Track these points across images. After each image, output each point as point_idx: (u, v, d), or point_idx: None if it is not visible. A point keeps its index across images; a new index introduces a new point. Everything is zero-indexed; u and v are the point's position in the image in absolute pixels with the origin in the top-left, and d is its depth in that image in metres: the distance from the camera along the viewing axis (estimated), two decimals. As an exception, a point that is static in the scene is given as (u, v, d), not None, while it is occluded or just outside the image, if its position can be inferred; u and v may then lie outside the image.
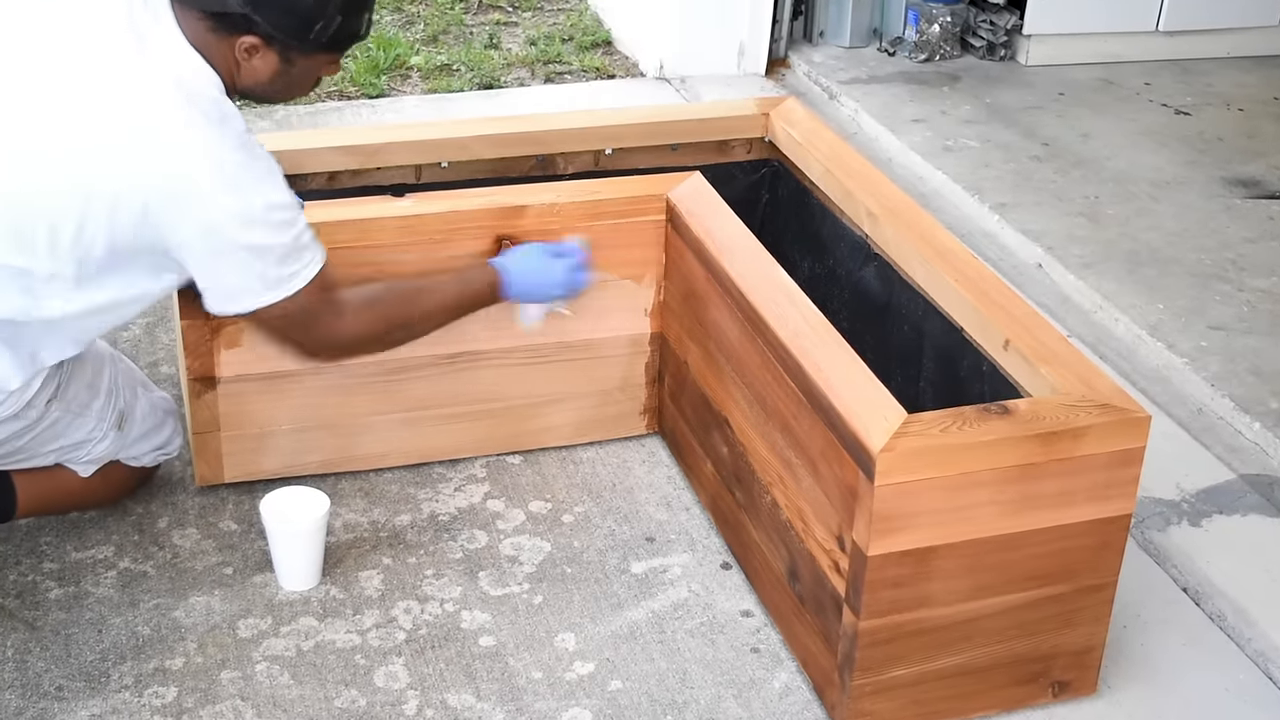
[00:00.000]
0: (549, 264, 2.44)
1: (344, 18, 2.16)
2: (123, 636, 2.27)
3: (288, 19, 2.11)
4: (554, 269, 2.44)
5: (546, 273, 2.43)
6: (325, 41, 2.17)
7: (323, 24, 2.13)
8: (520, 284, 2.42)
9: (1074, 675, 2.20)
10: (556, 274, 2.44)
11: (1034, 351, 2.17)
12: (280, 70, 2.18)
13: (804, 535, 2.18)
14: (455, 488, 2.64)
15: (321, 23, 2.13)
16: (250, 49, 2.13)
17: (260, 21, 2.09)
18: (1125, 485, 2.07)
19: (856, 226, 2.65)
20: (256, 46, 2.13)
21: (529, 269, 2.42)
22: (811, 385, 2.11)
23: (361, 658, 2.25)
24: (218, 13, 2.09)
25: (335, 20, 2.14)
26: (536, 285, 2.44)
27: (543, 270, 2.43)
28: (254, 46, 2.13)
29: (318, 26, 2.13)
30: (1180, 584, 2.52)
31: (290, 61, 2.17)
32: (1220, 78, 4.79)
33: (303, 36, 2.14)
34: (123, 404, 2.38)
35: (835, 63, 4.76)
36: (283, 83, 2.21)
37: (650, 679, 2.23)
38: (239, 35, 2.11)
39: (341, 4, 2.15)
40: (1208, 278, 3.49)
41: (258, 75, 2.17)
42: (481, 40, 4.83)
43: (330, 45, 2.19)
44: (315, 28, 2.13)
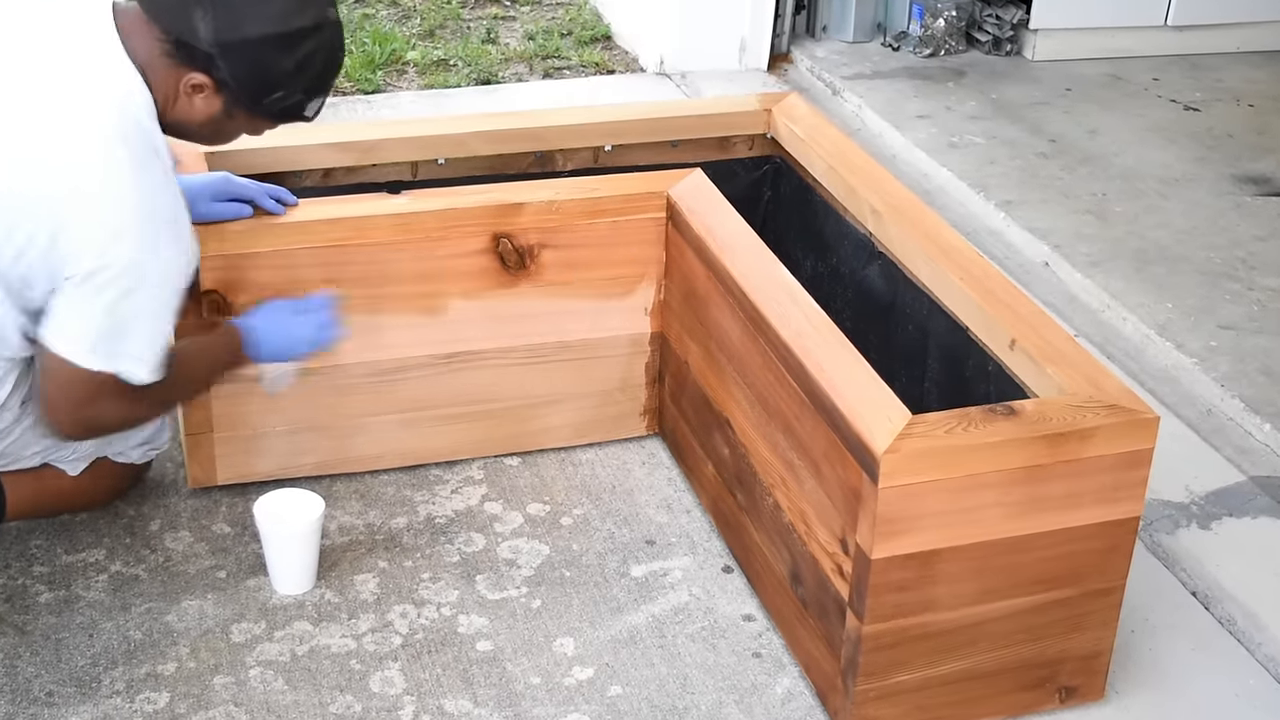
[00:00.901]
0: (293, 322, 2.32)
1: (304, 96, 2.11)
2: (114, 641, 2.27)
3: (252, 77, 2.06)
4: (299, 327, 2.33)
5: (291, 331, 2.32)
6: (274, 111, 2.12)
7: (282, 94, 2.09)
8: (265, 345, 2.30)
9: (1081, 680, 2.20)
10: (303, 331, 2.33)
11: (1040, 351, 2.17)
12: (217, 118, 2.11)
13: (806, 538, 2.18)
14: (452, 490, 2.64)
15: (282, 93, 2.09)
16: (197, 87, 2.06)
17: (223, 67, 2.03)
18: (1133, 487, 2.07)
19: (860, 224, 2.65)
20: (205, 87, 2.06)
21: (272, 328, 2.31)
22: (814, 385, 2.11)
23: (357, 663, 2.25)
24: (181, 41, 2.03)
25: (296, 96, 2.10)
26: (281, 345, 2.31)
27: (287, 328, 2.31)
28: (202, 86, 2.06)
29: (276, 95, 2.09)
30: (1189, 588, 2.52)
31: (230, 115, 2.11)
32: (1230, 73, 4.79)
33: (257, 99, 2.08)
34: None
35: (838, 58, 4.77)
36: (212, 129, 2.14)
37: (650, 684, 2.23)
38: (192, 70, 2.04)
39: (308, 84, 2.10)
40: (1217, 276, 3.49)
41: (192, 115, 2.10)
42: (479, 35, 4.83)
43: (276, 116, 2.14)
44: (274, 95, 2.09)
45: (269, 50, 2.04)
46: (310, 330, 2.34)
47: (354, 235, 2.47)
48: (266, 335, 2.31)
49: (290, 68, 2.07)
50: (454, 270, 2.54)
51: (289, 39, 2.05)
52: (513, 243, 2.54)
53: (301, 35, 2.06)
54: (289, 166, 2.70)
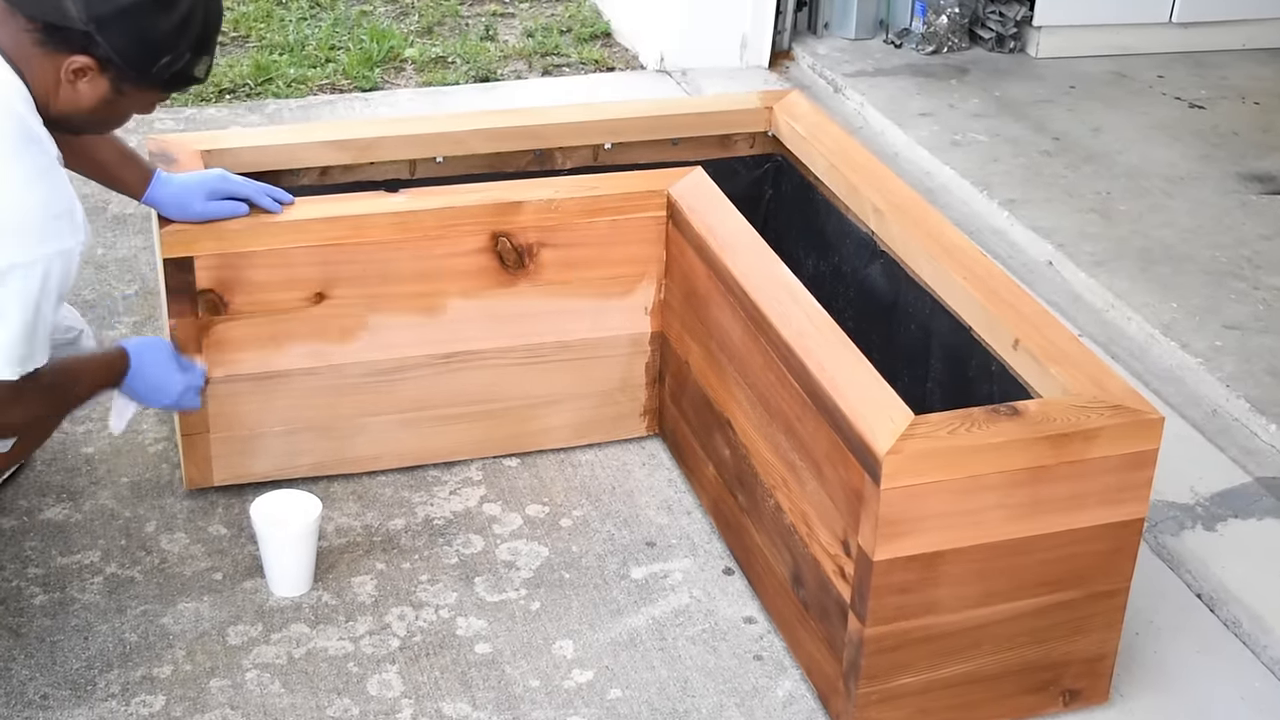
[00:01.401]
0: (169, 370, 2.29)
1: (192, 55, 2.04)
2: (109, 644, 2.27)
3: (135, 46, 1.97)
4: (171, 377, 2.29)
5: (164, 375, 2.28)
6: (165, 78, 2.04)
7: (170, 58, 2.01)
8: (137, 377, 2.25)
9: (1085, 683, 2.20)
10: (172, 382, 2.29)
11: (1044, 351, 2.17)
12: (107, 99, 2.03)
13: (808, 540, 2.18)
14: (450, 491, 2.64)
15: (169, 57, 2.01)
16: (80, 70, 1.98)
17: (102, 43, 1.95)
18: (1138, 488, 2.07)
19: (862, 223, 2.65)
20: (87, 69, 1.98)
21: (150, 365, 2.26)
22: (816, 386, 2.11)
23: (354, 665, 2.25)
24: (51, 25, 1.94)
25: (184, 57, 2.03)
26: (150, 384, 2.27)
27: (161, 371, 2.28)
28: (85, 69, 1.98)
29: (164, 60, 2.01)
30: (1194, 590, 2.52)
31: (121, 93, 2.03)
32: (1235, 70, 4.79)
33: (144, 68, 2.00)
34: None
35: (840, 55, 4.77)
36: (104, 113, 2.07)
37: (650, 687, 2.23)
38: (70, 54, 1.96)
39: (194, 42, 2.03)
40: (1223, 275, 3.49)
41: (79, 101, 2.02)
42: (477, 32, 4.83)
43: (167, 83, 2.06)
44: (161, 61, 2.01)
45: (146, 14, 1.97)
46: (179, 387, 2.30)
47: (351, 234, 2.47)
48: (144, 369, 2.25)
49: (172, 27, 1.99)
50: (452, 269, 2.54)
51: None
52: (512, 242, 2.54)
53: None
54: (286, 165, 2.70)
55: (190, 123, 4.02)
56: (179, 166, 2.52)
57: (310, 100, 4.24)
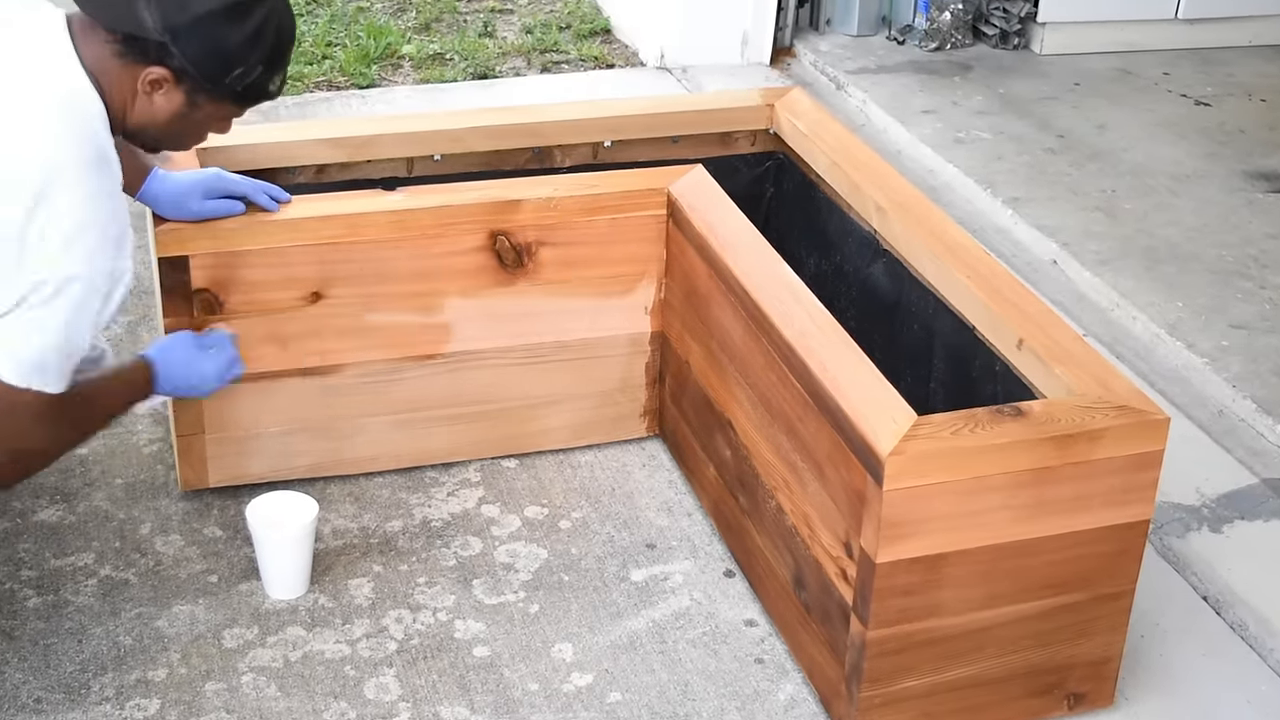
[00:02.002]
0: (198, 359, 2.30)
1: (265, 69, 2.08)
2: (104, 647, 2.27)
3: (208, 57, 2.01)
4: (203, 365, 2.31)
5: (195, 367, 2.30)
6: (239, 90, 2.08)
7: (242, 70, 2.05)
8: (171, 380, 2.27)
9: (1090, 687, 2.20)
10: (206, 369, 2.31)
11: (1048, 351, 2.17)
12: (181, 112, 2.07)
13: (810, 541, 2.18)
14: (448, 492, 2.64)
15: (241, 69, 2.05)
16: (156, 82, 2.02)
17: (177, 54, 1.99)
18: (1143, 490, 2.07)
19: (864, 221, 2.65)
20: (163, 81, 2.02)
21: (177, 365, 2.28)
22: (818, 386, 2.11)
23: (351, 669, 2.25)
24: (130, 35, 1.98)
25: (256, 70, 2.06)
26: (185, 382, 2.29)
27: (190, 365, 2.29)
28: (161, 80, 2.02)
29: (236, 72, 2.05)
30: (1200, 592, 2.52)
31: (195, 105, 2.07)
32: (1242, 67, 4.79)
33: (218, 79, 2.04)
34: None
35: (842, 52, 4.77)
36: (179, 127, 2.11)
37: (651, 691, 2.23)
38: (147, 65, 2.00)
39: (266, 55, 2.06)
40: (1229, 274, 3.49)
41: (155, 114, 2.06)
42: (476, 28, 4.83)
43: (240, 96, 2.10)
44: (234, 72, 2.05)
45: (220, 25, 2.01)
46: (216, 367, 2.32)
47: (348, 233, 2.47)
48: (172, 371, 2.27)
49: (244, 39, 2.03)
50: (450, 268, 2.54)
51: (238, 10, 2.01)
52: (510, 240, 2.54)
53: (249, 4, 2.02)
54: (282, 162, 2.70)
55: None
56: (174, 164, 2.51)
57: (307, 97, 4.24)
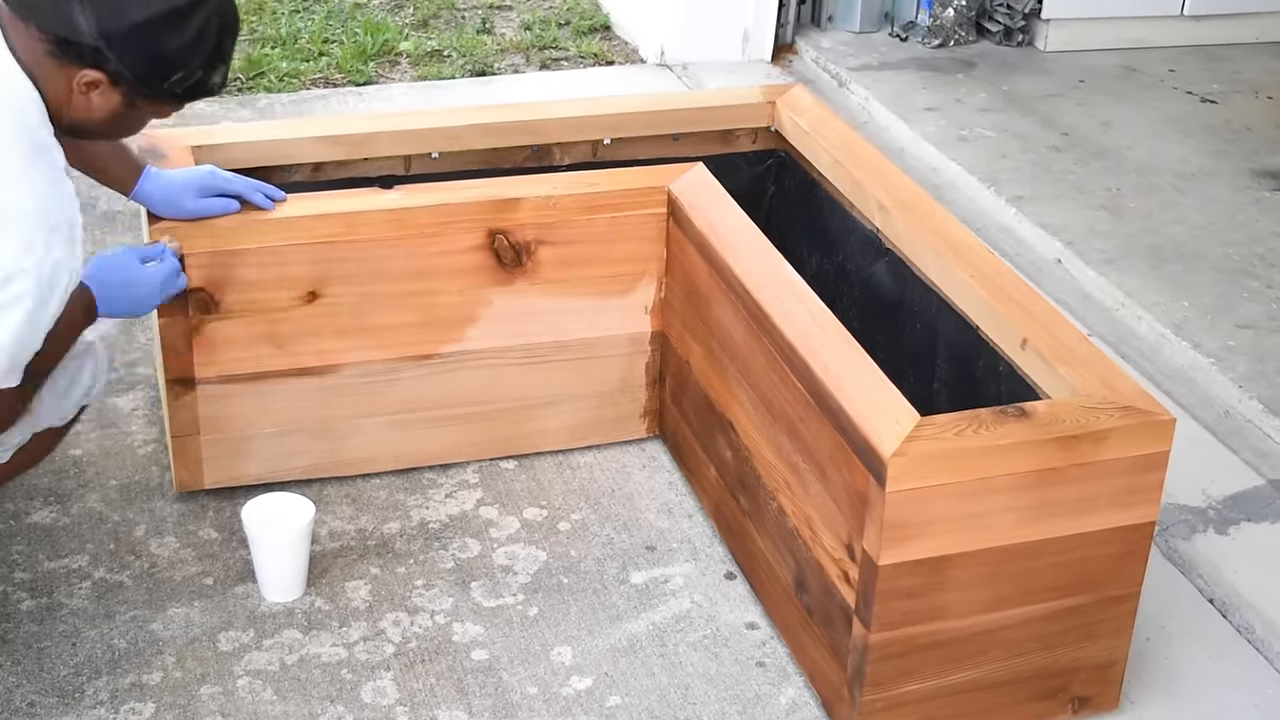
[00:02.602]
0: (137, 275, 2.25)
1: (205, 72, 2.05)
2: (98, 650, 2.27)
3: (145, 64, 1.99)
4: (143, 281, 2.25)
5: (135, 284, 2.24)
6: (178, 92, 2.06)
7: (182, 75, 2.03)
8: (108, 302, 2.20)
9: (1095, 690, 2.20)
10: (148, 284, 2.25)
11: (1053, 351, 2.17)
12: (119, 112, 2.06)
13: (812, 544, 2.18)
14: (446, 494, 2.64)
15: (181, 74, 2.02)
16: (91, 84, 2.00)
17: (112, 59, 1.97)
18: (1149, 491, 2.07)
19: (867, 220, 2.65)
20: (99, 83, 2.00)
21: (116, 284, 2.21)
22: (820, 386, 2.11)
23: (348, 672, 2.25)
24: (64, 38, 1.96)
25: (196, 74, 2.04)
26: (126, 299, 2.23)
27: (130, 283, 2.24)
28: (96, 82, 2.00)
29: (175, 77, 2.02)
30: (1206, 595, 2.52)
31: (133, 105, 2.05)
32: (1248, 64, 4.79)
33: (156, 85, 2.02)
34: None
35: (845, 48, 4.77)
36: (117, 124, 2.09)
37: (651, 694, 2.23)
38: (81, 67, 1.98)
39: (205, 58, 2.04)
40: (1235, 274, 3.49)
41: (92, 113, 2.04)
42: (474, 25, 4.83)
43: (181, 96, 2.08)
44: (172, 78, 2.02)
45: (158, 32, 1.98)
46: (157, 280, 2.27)
47: (345, 232, 2.47)
48: (111, 291, 2.20)
49: (183, 45, 2.00)
50: (448, 268, 2.54)
51: (175, 16, 1.98)
52: (509, 239, 2.54)
53: (188, 9, 1.99)
54: (277, 160, 2.70)
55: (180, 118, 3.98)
56: (169, 162, 2.52)
57: (303, 95, 4.24)
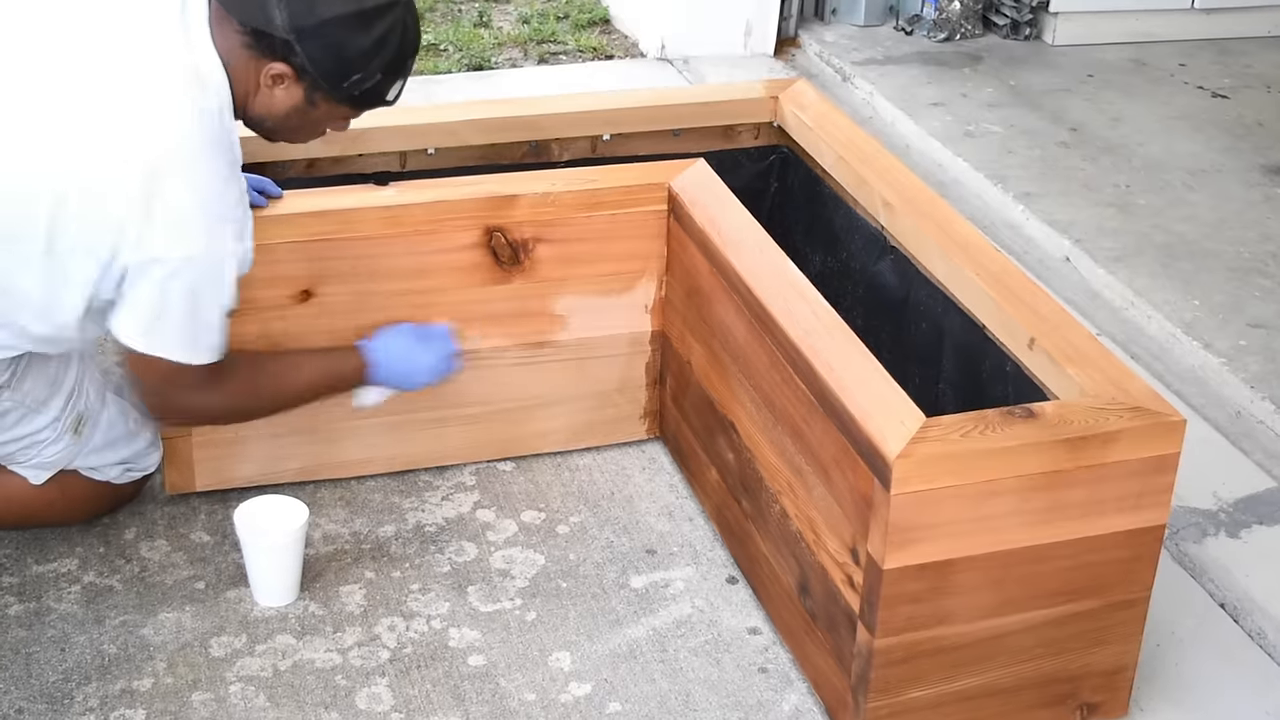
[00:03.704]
0: (418, 351, 2.43)
1: (383, 76, 2.19)
2: (87, 655, 2.27)
3: (329, 60, 2.14)
4: (423, 357, 2.43)
5: (415, 360, 2.42)
6: (356, 94, 2.20)
7: (361, 75, 2.17)
8: (387, 371, 2.40)
9: (1104, 697, 2.20)
10: (426, 361, 2.43)
11: (1061, 351, 2.17)
12: (299, 108, 2.21)
13: (815, 547, 2.18)
14: (443, 497, 2.64)
15: (360, 74, 2.17)
16: (278, 77, 2.16)
17: (300, 53, 2.12)
18: (1159, 494, 2.07)
19: (871, 217, 2.65)
20: (285, 76, 2.15)
21: (398, 356, 2.41)
22: (823, 387, 2.11)
23: (342, 678, 2.25)
24: (259, 30, 2.12)
25: (375, 77, 2.18)
26: (404, 373, 2.42)
27: (411, 358, 2.42)
28: (282, 75, 2.15)
29: (355, 76, 2.17)
30: (1217, 599, 2.52)
31: (313, 103, 2.20)
32: (1260, 58, 4.79)
33: (336, 82, 2.17)
34: (84, 406, 2.38)
35: (849, 42, 4.77)
36: (295, 122, 2.24)
37: (651, 701, 2.23)
38: (272, 60, 2.14)
39: (386, 63, 2.18)
40: (1247, 272, 3.49)
41: (274, 106, 2.20)
42: (471, 18, 4.83)
43: (357, 100, 2.22)
44: (353, 77, 2.17)
45: (345, 31, 2.13)
46: (432, 360, 2.44)
47: (340, 229, 2.47)
48: (390, 362, 2.40)
49: (367, 47, 2.15)
50: (445, 265, 2.54)
51: (364, 18, 2.13)
52: (506, 237, 2.54)
53: (376, 13, 2.14)
54: (272, 156, 2.70)
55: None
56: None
57: (296, 89, 4.24)
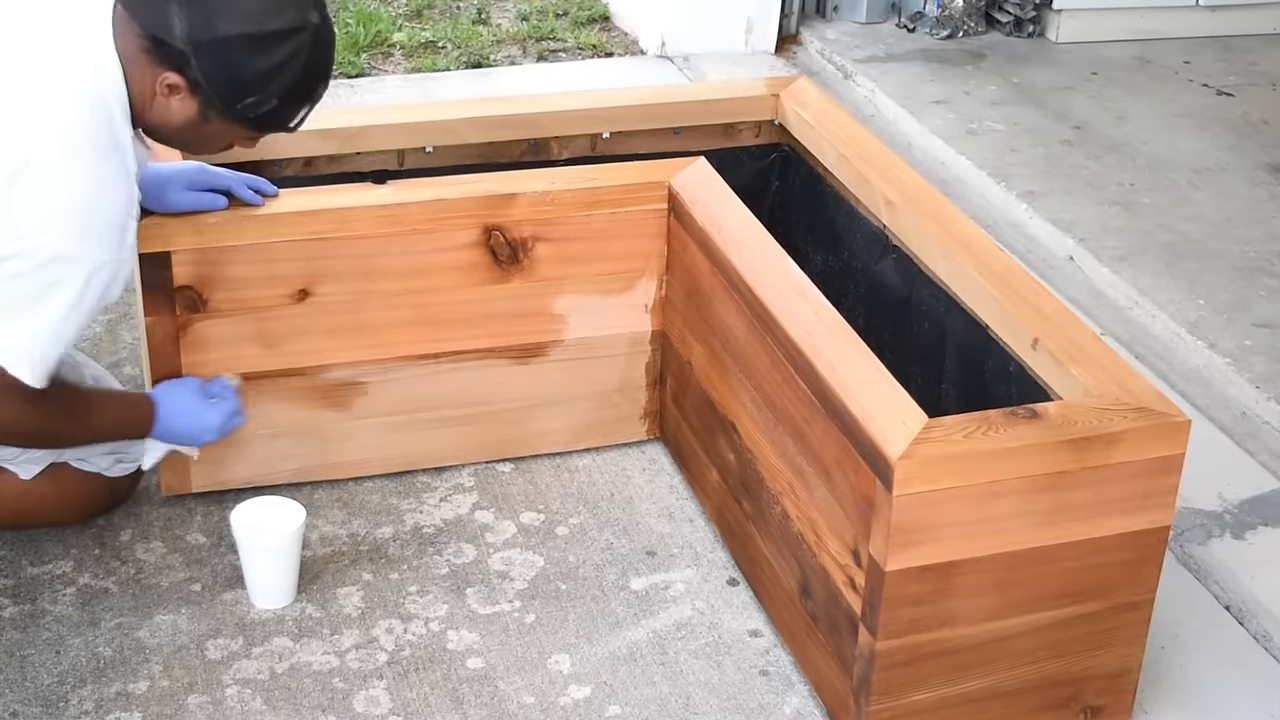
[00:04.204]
0: (201, 409, 2.37)
1: (280, 104, 2.16)
2: (82, 658, 2.27)
3: (222, 79, 2.10)
4: (206, 415, 2.37)
5: (199, 416, 2.37)
6: (251, 117, 2.16)
7: (256, 99, 2.13)
8: (168, 425, 2.35)
9: (1108, 700, 2.20)
10: (210, 419, 2.38)
11: (1064, 351, 2.17)
12: (193, 122, 2.16)
13: (817, 549, 2.18)
14: (441, 498, 2.64)
15: (255, 98, 2.13)
16: (172, 88, 2.12)
17: (194, 67, 2.09)
18: (1163, 495, 2.07)
19: (873, 216, 2.65)
20: (179, 88, 2.12)
21: (180, 411, 2.36)
22: (825, 387, 2.11)
23: (340, 681, 2.25)
24: (157, 37, 2.08)
25: (270, 102, 2.14)
26: (185, 429, 2.37)
27: (191, 413, 2.37)
28: (176, 87, 2.12)
29: (250, 100, 2.13)
30: (1222, 601, 2.52)
31: (206, 119, 2.16)
32: (1265, 56, 4.79)
33: (229, 103, 2.13)
34: None
35: (850, 39, 4.77)
36: (190, 135, 2.20)
37: (651, 704, 2.23)
38: (167, 69, 2.10)
39: (285, 89, 2.14)
40: (1252, 271, 3.49)
41: (168, 117, 2.16)
42: (469, 15, 4.83)
43: (253, 123, 2.18)
44: (246, 100, 2.13)
45: (241, 51, 2.09)
46: (218, 418, 2.38)
47: (337, 228, 2.47)
48: (173, 414, 2.35)
49: (264, 70, 2.11)
50: (443, 265, 2.54)
51: (263, 40, 2.09)
52: (505, 236, 2.54)
53: (277, 37, 2.10)
54: (268, 155, 2.70)
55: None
56: (156, 156, 2.51)
57: (293, 87, 4.24)
